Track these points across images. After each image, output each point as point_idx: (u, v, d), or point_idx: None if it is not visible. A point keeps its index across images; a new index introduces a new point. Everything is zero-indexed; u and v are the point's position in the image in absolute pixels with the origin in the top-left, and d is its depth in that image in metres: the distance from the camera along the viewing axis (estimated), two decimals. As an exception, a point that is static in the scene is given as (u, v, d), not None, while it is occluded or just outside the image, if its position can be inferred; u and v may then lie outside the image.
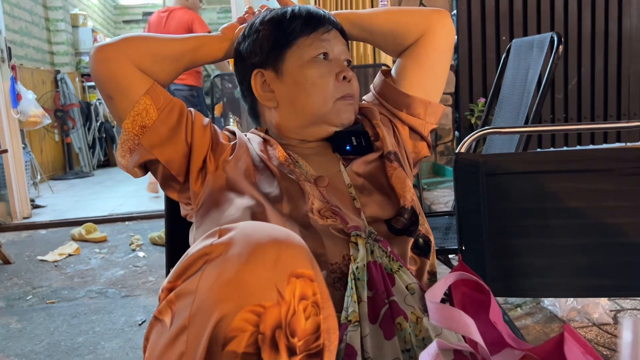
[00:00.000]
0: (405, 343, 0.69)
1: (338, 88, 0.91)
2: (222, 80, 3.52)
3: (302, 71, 0.91)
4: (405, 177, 0.90)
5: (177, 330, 0.54)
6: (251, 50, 0.94)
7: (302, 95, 0.91)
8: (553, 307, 1.79)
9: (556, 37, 1.69)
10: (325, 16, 0.95)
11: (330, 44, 0.92)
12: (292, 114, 0.93)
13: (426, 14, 0.98)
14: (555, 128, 1.98)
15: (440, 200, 3.22)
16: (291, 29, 0.92)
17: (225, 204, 0.83)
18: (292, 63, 0.91)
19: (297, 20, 0.92)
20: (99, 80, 0.87)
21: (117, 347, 1.83)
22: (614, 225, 1.06)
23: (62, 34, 6.25)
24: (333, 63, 0.92)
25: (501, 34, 3.91)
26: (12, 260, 2.87)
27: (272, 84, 0.93)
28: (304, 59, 0.91)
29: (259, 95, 0.95)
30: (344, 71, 0.91)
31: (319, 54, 0.91)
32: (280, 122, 0.94)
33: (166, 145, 0.87)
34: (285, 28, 0.92)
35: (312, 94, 0.90)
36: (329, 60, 0.92)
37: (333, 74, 0.91)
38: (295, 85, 0.91)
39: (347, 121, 0.93)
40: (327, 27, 0.93)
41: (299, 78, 0.91)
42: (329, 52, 0.92)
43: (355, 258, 0.75)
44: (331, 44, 0.93)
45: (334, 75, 0.91)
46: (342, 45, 0.95)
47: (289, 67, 0.91)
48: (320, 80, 0.90)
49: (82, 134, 6.04)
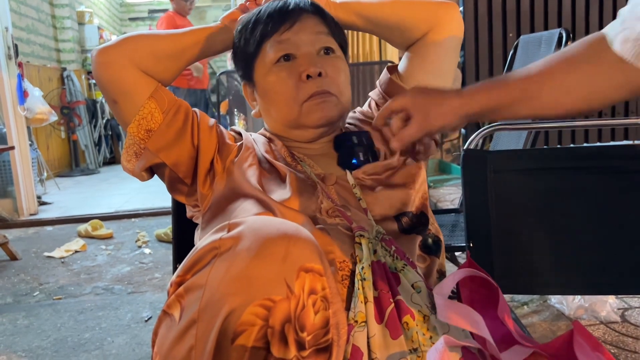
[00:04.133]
0: (412, 342, 0.68)
1: (303, 89, 0.85)
2: (227, 78, 3.52)
3: (266, 80, 0.88)
4: (419, 173, 0.89)
5: (186, 324, 0.54)
6: (235, 64, 0.95)
7: (271, 105, 0.90)
8: (560, 305, 1.78)
9: (564, 33, 1.68)
10: (288, 8, 0.88)
11: (290, 42, 0.86)
12: (273, 122, 0.93)
13: (434, 7, 0.94)
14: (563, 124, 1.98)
15: (447, 198, 3.21)
16: (254, 38, 0.88)
17: (233, 206, 0.82)
18: (259, 73, 0.89)
19: (259, 26, 0.88)
20: (103, 84, 0.85)
21: (123, 343, 1.84)
22: (622, 222, 1.06)
23: (68, 32, 6.27)
24: (298, 61, 0.86)
25: (508, 31, 3.88)
26: (19, 256, 2.89)
27: (254, 94, 0.94)
28: (267, 67, 0.88)
29: (250, 104, 0.96)
30: (307, 69, 0.84)
31: (280, 57, 0.86)
32: (270, 129, 0.95)
33: (173, 148, 0.86)
34: (250, 37, 0.89)
35: (277, 102, 0.88)
36: (295, 60, 0.86)
37: (295, 75, 0.85)
38: (264, 95, 0.90)
39: (323, 120, 0.87)
40: (289, 23, 0.87)
41: (265, 87, 0.89)
42: (293, 50, 0.86)
43: (360, 258, 0.74)
44: (292, 41, 0.86)
45: (296, 76, 0.85)
46: (310, 34, 0.87)
47: (258, 78, 0.90)
48: (281, 87, 0.86)
49: (88, 131, 6.06)
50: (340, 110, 0.89)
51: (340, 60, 0.90)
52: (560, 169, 1.07)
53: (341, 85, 0.88)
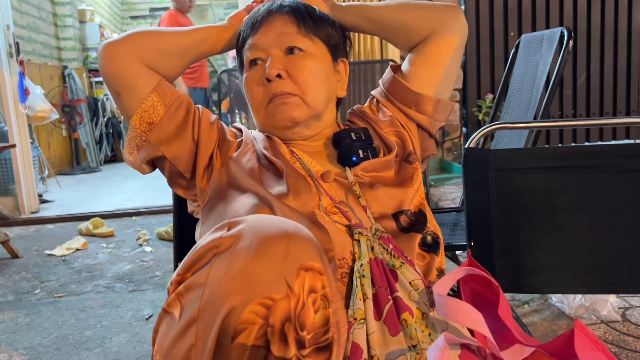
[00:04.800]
0: (411, 339, 0.69)
1: (264, 93, 0.88)
2: (228, 76, 3.52)
3: (243, 85, 0.92)
4: (417, 174, 0.89)
5: (186, 323, 0.54)
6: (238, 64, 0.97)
7: (251, 110, 0.93)
8: (561, 304, 1.78)
9: (566, 32, 1.68)
10: (262, 12, 0.90)
11: (257, 45, 0.89)
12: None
13: (439, 10, 0.96)
14: (566, 123, 1.99)
15: (448, 197, 3.21)
16: (241, 41, 0.93)
17: (231, 201, 0.82)
18: (243, 76, 0.93)
19: (245, 29, 0.92)
20: (108, 78, 0.87)
21: (124, 341, 1.84)
22: (623, 221, 1.05)
23: (69, 30, 6.27)
24: (262, 65, 0.88)
25: (509, 30, 3.88)
26: (20, 254, 2.89)
27: None
28: (244, 71, 0.92)
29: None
30: (264, 74, 0.86)
31: (250, 62, 0.90)
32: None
33: (173, 142, 0.87)
34: (241, 41, 0.93)
35: (252, 108, 0.92)
36: (261, 63, 0.89)
37: (259, 80, 0.88)
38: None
39: (287, 121, 0.88)
40: (257, 26, 0.89)
41: (244, 92, 0.93)
42: (260, 54, 0.89)
43: (359, 256, 0.75)
44: (260, 45, 0.88)
45: (258, 80, 0.88)
46: (275, 35, 0.88)
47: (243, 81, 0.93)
48: (251, 93, 0.90)
49: (89, 130, 6.06)
50: (305, 110, 0.88)
51: (307, 58, 0.88)
52: (561, 167, 1.07)
53: (303, 85, 0.87)
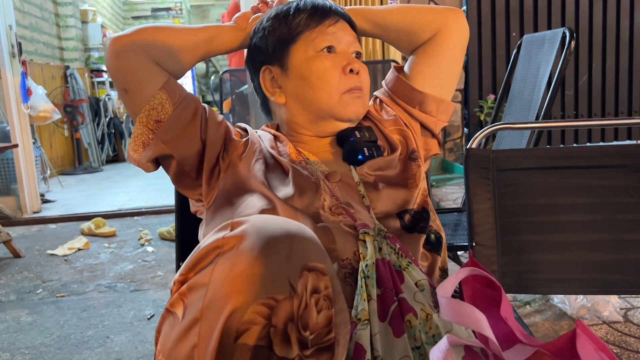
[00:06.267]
0: (415, 340, 0.69)
1: (344, 81, 0.89)
2: (230, 76, 3.53)
3: (307, 65, 0.90)
4: (420, 172, 0.90)
5: (189, 323, 0.54)
6: (259, 47, 0.94)
7: (307, 90, 0.90)
8: (562, 305, 1.78)
9: (568, 32, 1.68)
10: (331, 8, 0.93)
11: (336, 36, 0.91)
12: (300, 110, 0.92)
13: (441, 12, 0.98)
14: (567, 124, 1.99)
15: (449, 197, 3.21)
16: (295, 24, 0.91)
17: (237, 202, 0.82)
18: (298, 58, 0.91)
19: (302, 14, 0.91)
20: (115, 73, 0.86)
21: (126, 341, 1.84)
22: (625, 221, 1.05)
23: (71, 30, 6.27)
24: (339, 56, 0.91)
25: (511, 30, 3.88)
26: (22, 254, 2.90)
27: (280, 79, 0.93)
28: (309, 53, 0.90)
29: (267, 91, 0.95)
30: (350, 64, 0.90)
31: (324, 47, 0.90)
32: (290, 118, 0.94)
33: (181, 141, 0.86)
34: (289, 23, 0.92)
35: (318, 88, 0.89)
36: (336, 53, 0.91)
37: (339, 67, 0.89)
38: (301, 80, 0.91)
39: (355, 115, 0.92)
40: (333, 19, 0.92)
41: (304, 72, 0.90)
42: (335, 44, 0.91)
43: (364, 256, 0.75)
44: (337, 36, 0.91)
45: (340, 68, 0.89)
46: (350, 37, 0.93)
47: (295, 62, 0.91)
48: (325, 74, 0.89)
49: (91, 130, 6.07)
50: (365, 110, 0.95)
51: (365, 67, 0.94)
52: (563, 168, 1.07)
53: (367, 89, 0.94)
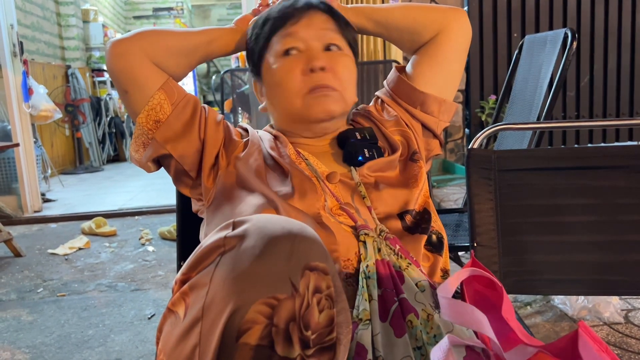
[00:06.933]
0: (416, 340, 0.69)
1: (306, 82, 0.86)
2: (232, 76, 3.53)
3: (271, 72, 0.89)
4: (421, 173, 0.90)
5: (190, 322, 0.54)
6: (247, 60, 0.96)
7: (275, 97, 0.91)
8: (563, 306, 1.78)
9: (570, 33, 1.68)
10: (295, 6, 0.90)
11: (297, 35, 0.88)
12: (278, 116, 0.94)
13: (443, 12, 0.97)
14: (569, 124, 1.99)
15: (450, 198, 3.21)
16: (265, 30, 0.91)
17: (236, 201, 0.83)
18: (266, 65, 0.91)
19: (270, 20, 0.90)
20: (115, 74, 0.87)
21: (126, 340, 1.84)
22: (627, 222, 1.05)
23: (73, 29, 6.28)
24: (302, 55, 0.87)
25: (513, 31, 3.87)
26: (23, 253, 2.90)
27: (263, 88, 0.95)
28: (271, 60, 0.90)
29: (259, 100, 0.97)
30: (310, 61, 0.86)
31: (283, 51, 0.88)
32: (276, 124, 0.96)
33: (179, 140, 0.87)
34: (260, 32, 0.92)
35: (281, 94, 0.89)
36: (299, 53, 0.88)
37: (299, 67, 0.86)
38: (270, 87, 0.91)
39: (324, 114, 0.87)
40: (295, 18, 0.88)
41: (270, 79, 0.90)
42: (298, 44, 0.88)
43: (365, 257, 0.75)
44: (299, 35, 0.88)
45: (299, 69, 0.86)
46: (318, 30, 0.89)
47: (265, 70, 0.91)
48: (283, 80, 0.87)
49: (92, 129, 6.07)
50: (342, 106, 0.89)
51: (346, 58, 0.91)
52: (564, 168, 1.07)
53: (345, 82, 0.89)
